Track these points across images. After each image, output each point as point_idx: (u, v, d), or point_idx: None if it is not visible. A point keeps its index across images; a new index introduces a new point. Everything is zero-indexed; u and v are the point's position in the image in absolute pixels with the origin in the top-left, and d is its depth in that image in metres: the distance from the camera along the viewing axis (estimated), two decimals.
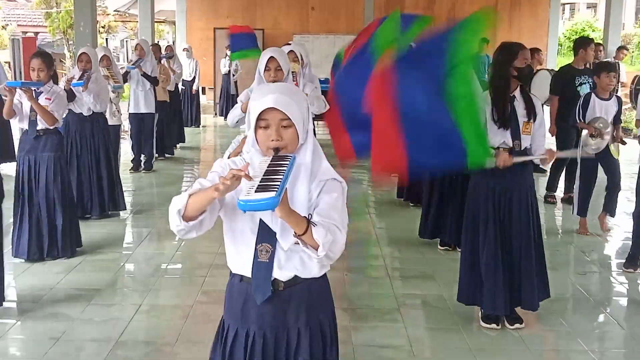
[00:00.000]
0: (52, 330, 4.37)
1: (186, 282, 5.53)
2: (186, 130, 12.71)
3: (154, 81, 9.47)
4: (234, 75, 14.76)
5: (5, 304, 4.70)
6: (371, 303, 5.02)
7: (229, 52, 15.17)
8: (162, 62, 10.55)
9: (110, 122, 7.98)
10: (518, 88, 4.42)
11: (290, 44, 6.87)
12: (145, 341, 4.28)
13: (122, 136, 8.89)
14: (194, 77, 14.27)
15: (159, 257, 6.07)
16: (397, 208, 7.94)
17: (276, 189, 1.96)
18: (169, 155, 10.92)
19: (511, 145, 4.36)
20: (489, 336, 4.43)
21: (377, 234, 6.92)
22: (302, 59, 5.98)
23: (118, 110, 8.26)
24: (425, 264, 5.86)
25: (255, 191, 1.97)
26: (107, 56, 7.98)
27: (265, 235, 2.25)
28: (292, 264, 2.27)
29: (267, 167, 2.09)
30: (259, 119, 2.21)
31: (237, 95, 7.43)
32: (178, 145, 11.66)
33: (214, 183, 2.21)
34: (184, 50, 14.52)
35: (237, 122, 4.84)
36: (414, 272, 5.71)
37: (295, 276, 2.29)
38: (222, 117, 15.11)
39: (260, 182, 2.01)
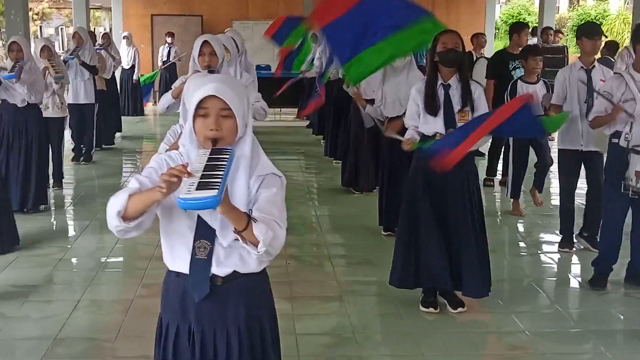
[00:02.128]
0: None
1: (126, 275, 5.46)
2: (127, 119, 12.51)
3: (93, 70, 9.25)
4: (174, 60, 14.58)
5: None
6: (313, 291, 5.04)
7: (168, 40, 14.99)
8: (100, 51, 10.33)
9: (54, 115, 7.80)
10: (455, 76, 4.43)
11: (227, 32, 6.80)
12: (85, 337, 4.21)
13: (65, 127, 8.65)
14: (133, 65, 14.01)
15: (99, 250, 5.98)
16: (339, 194, 7.96)
17: (217, 187, 1.94)
18: (108, 146, 10.73)
19: (444, 133, 4.39)
20: (430, 321, 4.49)
21: (319, 221, 6.95)
22: (237, 47, 5.91)
23: (62, 102, 8.03)
24: (367, 250, 5.91)
25: (196, 189, 1.94)
26: (47, 47, 7.74)
27: (203, 232, 2.22)
28: (231, 260, 2.25)
29: (207, 161, 2.06)
30: (198, 107, 2.18)
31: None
32: (117, 135, 11.45)
33: (152, 180, 2.17)
34: (124, 37, 14.22)
35: (167, 107, 4.76)
36: (356, 258, 5.76)
37: (234, 271, 2.27)
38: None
39: (200, 178, 1.98)
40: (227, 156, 2.09)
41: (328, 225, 6.81)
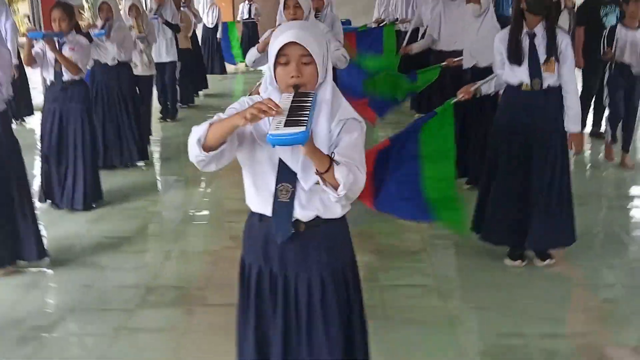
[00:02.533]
0: (84, 278, 4.46)
1: (214, 227, 5.58)
2: (211, 77, 12.66)
3: (175, 28, 9.36)
4: (253, 18, 14.60)
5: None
6: (398, 243, 5.02)
7: None
8: (181, 8, 10.43)
9: (143, 73, 7.95)
10: (541, 23, 4.25)
11: None
12: (175, 286, 4.35)
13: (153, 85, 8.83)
14: (216, 24, 14.10)
15: (187, 204, 6.12)
16: None
17: (305, 124, 1.94)
18: (192, 104, 10.92)
19: (529, 83, 4.27)
20: (518, 273, 4.42)
21: None
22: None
23: (150, 60, 8.18)
24: None
25: (285, 126, 1.95)
26: (135, 5, 7.87)
27: (285, 174, 2.23)
28: (313, 204, 2.26)
29: (292, 103, 2.06)
30: (278, 54, 2.17)
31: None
32: (201, 93, 11.62)
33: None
34: None
35: (254, 61, 4.79)
36: None
37: (317, 217, 2.28)
38: (244, 63, 14.94)
39: (287, 117, 1.99)
40: (311, 98, 2.08)
41: None
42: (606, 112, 6.78)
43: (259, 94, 2.39)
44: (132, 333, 3.76)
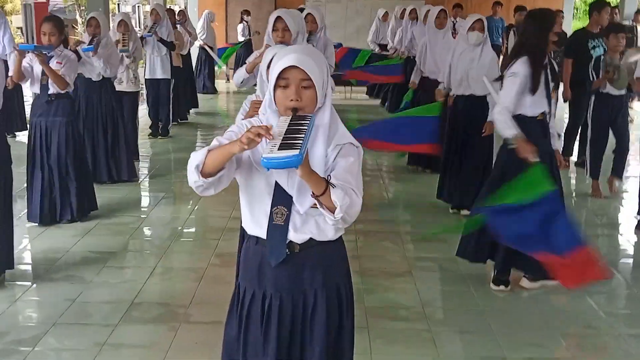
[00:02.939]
0: (68, 292, 4.44)
1: (200, 245, 5.59)
2: (202, 96, 12.70)
3: (170, 46, 9.41)
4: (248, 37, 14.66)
5: (20, 267, 4.78)
6: (383, 265, 5.04)
7: (245, 18, 15.06)
8: (177, 27, 10.48)
9: (128, 89, 7.97)
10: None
11: (303, 8, 6.81)
12: (159, 303, 4.34)
13: (140, 102, 8.85)
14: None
15: (174, 221, 6.12)
16: (407, 172, 7.92)
17: (299, 147, 1.97)
18: (183, 121, 10.94)
19: (549, 112, 4.41)
20: (501, 298, 4.46)
21: (388, 197, 6.94)
22: (317, 22, 5.92)
23: (135, 77, 8.21)
24: (436, 227, 5.87)
25: (279, 149, 1.97)
26: (124, 21, 7.89)
27: (281, 197, 2.25)
28: (307, 227, 2.28)
29: (288, 126, 2.09)
30: (279, 77, 2.20)
31: None
32: (192, 111, 11.65)
33: (232, 140, 2.20)
34: (205, 14, 14.27)
35: (242, 82, 4.81)
36: (426, 234, 5.72)
37: (311, 239, 2.30)
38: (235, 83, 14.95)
39: (282, 140, 2.01)
40: (308, 122, 2.11)
41: (397, 202, 6.79)
42: (588, 147, 6.87)
43: (256, 113, 2.42)
44: (115, 349, 3.74)
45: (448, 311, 4.38)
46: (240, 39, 14.90)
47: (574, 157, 8.22)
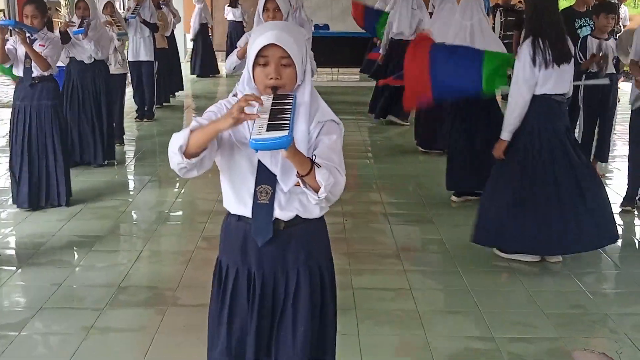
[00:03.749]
0: (54, 276, 4.41)
1: (187, 228, 5.57)
2: (191, 77, 12.62)
3: (153, 28, 9.32)
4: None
5: (5, 252, 4.77)
6: (370, 247, 5.05)
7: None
8: (160, 8, 10.38)
9: (116, 71, 7.90)
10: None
11: None
12: (147, 286, 4.32)
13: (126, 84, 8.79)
14: (205, 24, 14.05)
15: (160, 204, 6.10)
16: (396, 154, 7.92)
17: (287, 128, 1.95)
18: (168, 104, 10.87)
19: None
20: (489, 278, 4.47)
21: (377, 179, 6.93)
22: (290, 4, 5.85)
23: (123, 59, 8.14)
24: (424, 209, 5.88)
25: (266, 130, 1.95)
26: (110, 3, 7.81)
27: (265, 176, 2.23)
28: (292, 205, 2.26)
29: (272, 105, 2.07)
30: (258, 55, 2.17)
31: None
32: (177, 93, 11.57)
33: (211, 120, 2.17)
34: None
35: (234, 68, 4.79)
36: (413, 217, 5.74)
37: (297, 216, 2.29)
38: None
39: (269, 120, 1.99)
40: (291, 100, 2.09)
41: (385, 184, 6.79)
42: (579, 128, 6.85)
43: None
44: (102, 332, 3.73)
45: (435, 291, 4.39)
46: (228, 18, 14.75)
47: None
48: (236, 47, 4.94)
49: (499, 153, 4.54)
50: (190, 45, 14.84)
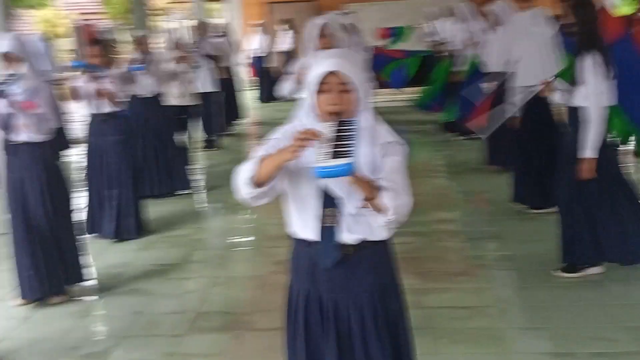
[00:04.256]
0: (133, 305, 4.55)
1: (257, 253, 5.65)
2: (255, 105, 12.86)
3: (214, 59, 9.56)
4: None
5: (88, 282, 4.90)
6: (441, 266, 5.03)
7: (287, 27, 15.14)
8: (219, 39, 10.63)
9: (188, 102, 8.11)
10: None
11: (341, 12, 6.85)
12: (223, 311, 4.42)
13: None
14: (268, 53, 14.35)
15: (230, 230, 6.21)
16: (461, 171, 7.87)
17: (351, 155, 1.99)
18: (232, 133, 11.06)
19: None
20: (566, 293, 4.39)
21: (446, 197, 6.90)
22: (345, 28, 5.93)
23: (188, 91, 8.35)
24: (495, 225, 5.82)
25: (330, 157, 2.00)
26: (180, 40, 8.11)
27: (331, 200, 2.27)
28: (359, 227, 2.29)
29: (334, 132, 2.11)
30: (319, 83, 2.23)
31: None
32: (238, 122, 11.76)
33: (277, 149, 2.22)
34: (258, 25, 14.46)
35: (290, 92, 4.88)
36: (484, 233, 5.69)
37: (363, 240, 2.32)
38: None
39: (332, 148, 2.03)
40: (354, 127, 2.13)
41: (455, 201, 6.75)
42: None
43: None
44: (184, 358, 3.83)
45: (510, 308, 4.33)
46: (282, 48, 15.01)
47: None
48: (290, 73, 5.05)
49: (591, 172, 4.33)
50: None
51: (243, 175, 2.22)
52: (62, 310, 4.52)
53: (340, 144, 2.05)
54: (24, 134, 4.45)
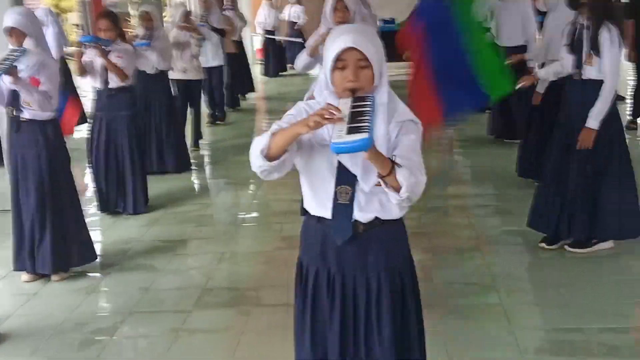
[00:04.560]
0: (140, 281, 4.53)
1: (263, 229, 5.62)
2: (264, 79, 12.83)
3: (222, 33, 9.46)
4: (296, 23, 14.67)
5: (91, 260, 4.87)
6: (451, 242, 4.99)
7: (295, 1, 15.01)
8: (226, 12, 10.51)
9: (193, 77, 8.03)
10: (589, 17, 4.30)
11: None
12: (229, 287, 4.40)
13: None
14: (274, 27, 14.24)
15: (236, 206, 6.19)
16: (472, 145, 7.81)
17: (367, 130, 1.96)
18: (239, 107, 11.01)
19: (571, 72, 4.41)
20: (576, 268, 4.35)
21: (456, 171, 6.85)
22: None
23: (199, 65, 8.27)
24: (505, 200, 5.77)
25: (347, 133, 1.97)
26: (187, 11, 8.04)
27: (345, 177, 2.24)
28: (372, 205, 2.26)
29: (351, 108, 2.08)
30: (336, 59, 2.19)
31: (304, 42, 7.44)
32: (248, 95, 11.70)
33: (292, 123, 2.19)
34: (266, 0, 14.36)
35: (304, 66, 4.81)
36: (493, 208, 5.65)
37: (376, 217, 2.28)
38: (289, 65, 14.94)
39: (348, 123, 2.00)
40: (370, 102, 2.09)
41: (464, 176, 6.70)
42: None
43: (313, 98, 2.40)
44: (190, 334, 3.81)
45: (519, 284, 4.30)
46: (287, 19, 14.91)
47: None
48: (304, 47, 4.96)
49: (589, 143, 4.32)
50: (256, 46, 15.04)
51: (256, 148, 2.19)
52: (69, 287, 4.50)
53: (357, 120, 2.02)
54: (26, 111, 4.40)
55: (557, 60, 4.66)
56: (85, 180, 6.54)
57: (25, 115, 4.40)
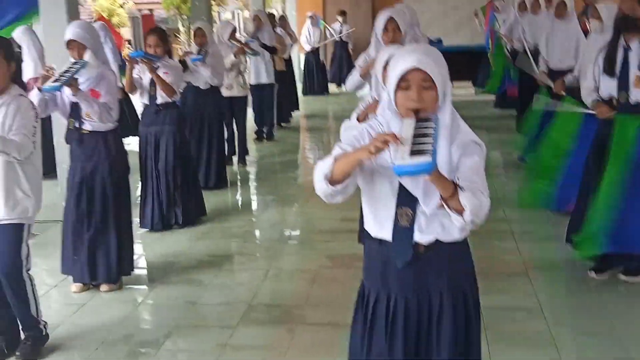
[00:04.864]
0: (187, 295, 4.58)
1: (308, 247, 5.63)
2: (307, 98, 12.99)
3: (273, 51, 9.55)
4: (343, 39, 14.73)
5: (137, 272, 4.94)
6: (498, 266, 4.93)
7: (339, 18, 15.11)
8: (277, 31, 10.61)
9: (238, 94, 8.13)
10: (637, 38, 4.28)
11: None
12: (275, 304, 4.41)
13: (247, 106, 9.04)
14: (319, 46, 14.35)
15: (282, 223, 6.22)
16: (517, 168, 7.72)
17: (431, 153, 1.96)
18: (287, 124, 11.08)
19: (615, 96, 4.35)
20: (624, 295, 4.28)
21: (503, 196, 6.77)
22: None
23: (245, 82, 8.37)
24: (552, 226, 5.68)
25: (410, 155, 1.96)
26: (235, 28, 8.19)
27: (406, 199, 2.23)
28: (433, 228, 2.25)
29: (414, 130, 2.07)
30: (400, 79, 2.19)
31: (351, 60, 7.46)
32: (295, 114, 11.77)
33: (354, 148, 2.20)
34: (308, 17, 14.46)
35: (355, 87, 4.83)
36: (540, 234, 5.57)
37: (437, 240, 2.27)
38: (334, 84, 14.99)
39: (412, 145, 2.00)
40: (433, 124, 2.09)
41: (512, 201, 6.61)
42: None
43: (366, 116, 2.41)
44: (236, 350, 3.83)
45: (567, 311, 4.23)
46: (337, 37, 14.97)
47: None
48: (354, 67, 4.98)
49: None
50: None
51: (319, 173, 2.20)
52: (117, 298, 4.57)
53: (420, 142, 2.01)
54: (88, 123, 4.50)
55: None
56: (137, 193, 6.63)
57: (87, 127, 4.51)
